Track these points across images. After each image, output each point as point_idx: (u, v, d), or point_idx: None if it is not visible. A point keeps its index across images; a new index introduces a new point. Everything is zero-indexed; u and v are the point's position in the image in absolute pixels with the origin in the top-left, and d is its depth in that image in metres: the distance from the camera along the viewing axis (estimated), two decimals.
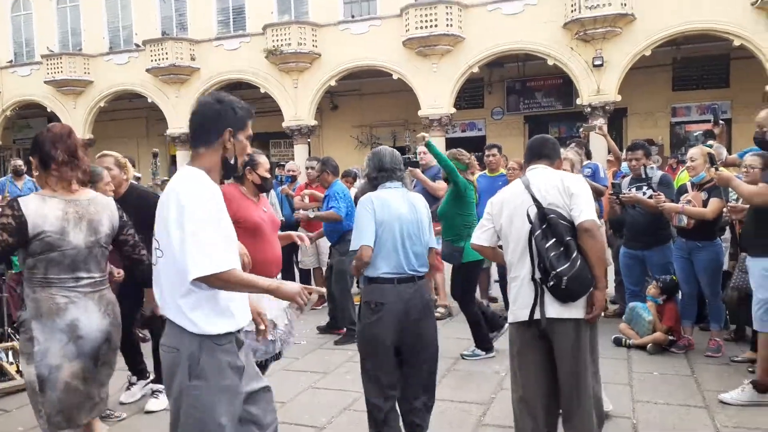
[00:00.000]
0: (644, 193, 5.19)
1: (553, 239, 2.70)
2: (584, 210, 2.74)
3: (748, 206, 4.13)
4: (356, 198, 6.61)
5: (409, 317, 3.09)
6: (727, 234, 5.46)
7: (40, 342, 2.46)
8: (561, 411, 2.88)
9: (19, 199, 2.50)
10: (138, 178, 7.51)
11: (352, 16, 18.49)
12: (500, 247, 3.05)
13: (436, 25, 16.68)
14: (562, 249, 2.68)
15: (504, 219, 2.93)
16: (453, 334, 5.49)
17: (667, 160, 14.18)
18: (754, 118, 5.22)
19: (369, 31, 18.08)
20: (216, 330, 2.07)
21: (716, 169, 4.42)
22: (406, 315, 3.08)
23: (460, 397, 4.16)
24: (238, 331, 2.17)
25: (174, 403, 2.12)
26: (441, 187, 5.91)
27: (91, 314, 2.55)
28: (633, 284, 5.45)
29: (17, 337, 5.01)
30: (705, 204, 4.84)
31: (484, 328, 5.00)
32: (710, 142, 8.47)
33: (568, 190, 2.78)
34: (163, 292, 2.11)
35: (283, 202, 6.97)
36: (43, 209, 2.48)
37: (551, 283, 2.66)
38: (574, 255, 2.68)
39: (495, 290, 6.97)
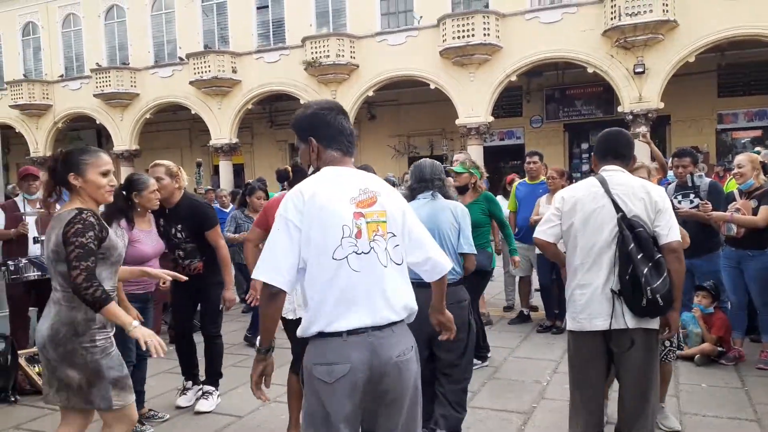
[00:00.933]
0: (691, 201, 5.08)
1: (641, 254, 2.60)
2: (673, 228, 2.68)
3: None
4: None
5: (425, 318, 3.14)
6: None
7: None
8: (618, 427, 2.83)
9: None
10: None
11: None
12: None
13: (473, 35, 16.68)
14: (651, 265, 2.60)
15: (577, 219, 2.77)
16: (492, 342, 5.45)
17: (713, 167, 13.78)
18: None
19: (406, 42, 18.20)
20: None
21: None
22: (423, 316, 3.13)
23: (501, 405, 4.13)
24: None
25: (417, 400, 2.13)
26: None
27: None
28: None
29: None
30: (755, 212, 4.72)
31: (480, 338, 4.86)
32: (758, 148, 8.25)
33: (655, 205, 2.68)
34: (409, 285, 2.20)
35: None
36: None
37: (646, 298, 2.56)
38: (666, 273, 2.61)
39: (536, 299, 6.90)
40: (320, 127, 2.10)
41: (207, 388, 4.27)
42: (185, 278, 3.27)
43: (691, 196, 5.14)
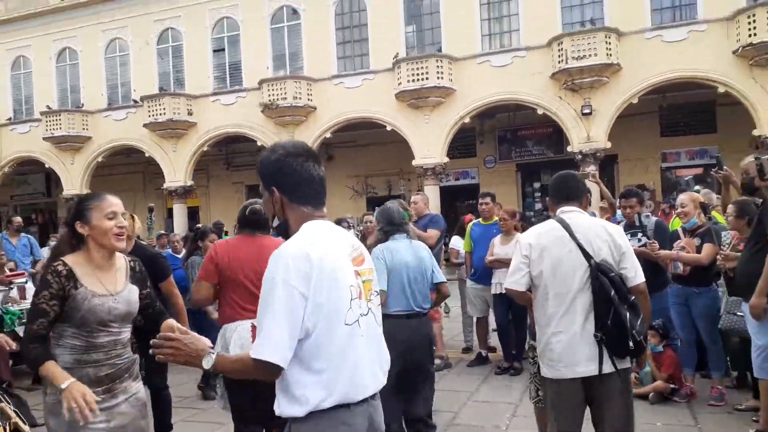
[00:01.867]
0: (639, 240, 5.22)
1: (618, 298, 2.66)
2: (638, 270, 2.77)
3: (739, 254, 4.17)
4: (370, 248, 6.70)
5: (414, 346, 3.69)
6: (722, 279, 5.48)
7: None
8: None
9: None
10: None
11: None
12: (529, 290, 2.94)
13: (427, 78, 17.08)
14: (627, 307, 2.65)
15: (546, 267, 2.78)
16: (451, 386, 5.41)
17: (659, 205, 14.29)
18: (740, 164, 5.29)
19: (362, 85, 18.49)
20: None
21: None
22: (411, 344, 3.66)
23: None
24: None
25: None
26: (431, 235, 5.98)
27: None
28: None
29: (5, 398, 4.95)
30: (698, 250, 4.88)
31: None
32: (697, 187, 8.61)
33: (619, 248, 2.76)
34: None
35: None
36: None
37: (633, 340, 2.61)
38: (642, 315, 2.68)
39: (493, 339, 6.91)
40: (285, 176, 1.88)
41: None
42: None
43: (639, 235, 5.29)
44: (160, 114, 19.85)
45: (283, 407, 1.81)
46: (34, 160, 22.68)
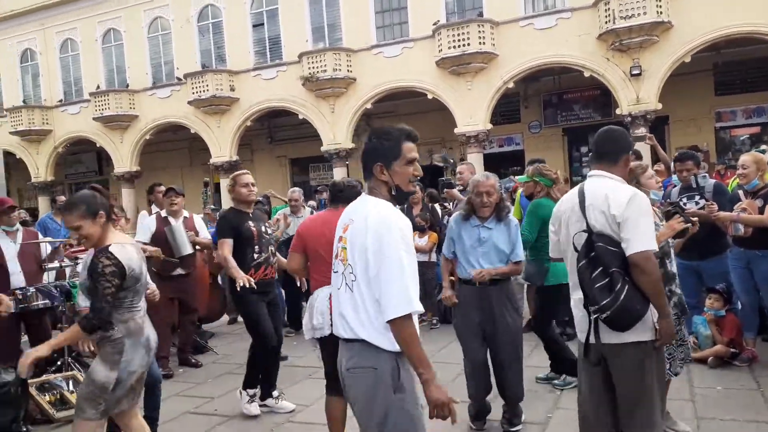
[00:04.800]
0: (696, 203, 5.06)
1: (600, 269, 2.57)
2: (632, 241, 2.55)
3: None
4: (417, 218, 6.79)
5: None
6: None
7: (127, 354, 2.94)
8: None
9: (109, 248, 2.88)
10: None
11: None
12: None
13: (468, 44, 16.75)
14: (606, 280, 2.56)
15: (563, 237, 2.85)
16: None
17: (714, 166, 13.77)
18: None
19: (402, 54, 18.27)
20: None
21: None
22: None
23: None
24: None
25: (381, 422, 2.18)
26: None
27: (153, 331, 3.14)
28: (688, 296, 5.27)
29: (77, 366, 5.21)
30: (761, 211, 4.70)
31: (567, 350, 4.64)
32: (763, 146, 8.23)
33: (614, 218, 2.59)
34: (360, 314, 2.20)
35: None
36: (127, 253, 2.93)
37: (595, 315, 2.61)
38: (618, 287, 2.52)
39: None
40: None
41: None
42: None
43: (697, 197, 5.12)
44: (204, 91, 20.12)
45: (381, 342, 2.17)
46: (85, 139, 23.42)
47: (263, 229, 4.58)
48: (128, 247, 2.98)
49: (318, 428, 4.18)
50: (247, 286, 4.14)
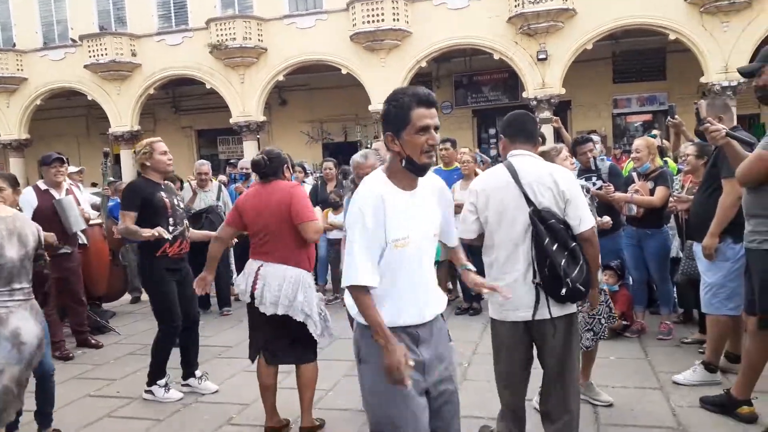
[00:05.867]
0: (594, 184, 5.33)
1: (556, 245, 2.64)
2: (583, 218, 2.70)
3: (692, 197, 4.32)
4: (330, 194, 6.75)
5: None
6: (673, 222, 5.70)
7: None
8: (542, 409, 2.93)
9: None
10: (81, 171, 7.27)
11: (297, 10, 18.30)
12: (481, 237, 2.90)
13: (383, 20, 16.69)
14: (566, 254, 2.64)
15: (491, 213, 2.79)
16: None
17: (611, 150, 14.64)
18: (689, 109, 5.43)
19: (315, 26, 17.94)
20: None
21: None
22: None
23: None
24: (407, 327, 2.19)
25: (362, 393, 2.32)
26: None
27: (28, 322, 2.72)
28: None
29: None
30: (651, 193, 5.04)
31: None
32: (654, 131, 8.82)
33: (563, 195, 2.69)
34: None
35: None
36: None
37: (566, 288, 2.63)
38: (582, 261, 2.67)
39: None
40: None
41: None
42: None
43: (594, 178, 5.41)
44: (102, 55, 18.83)
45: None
46: None
47: (176, 201, 4.34)
48: None
49: (228, 407, 4.09)
50: (165, 236, 4.05)
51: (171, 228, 4.18)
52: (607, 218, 4.38)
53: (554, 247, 2.64)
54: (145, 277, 4.29)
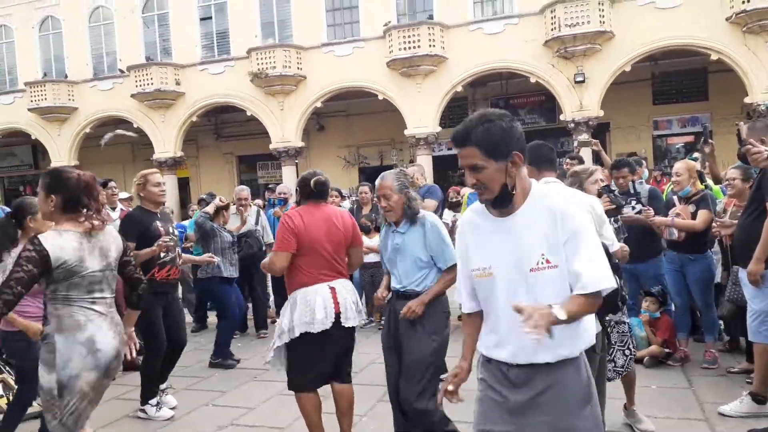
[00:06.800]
0: (633, 208, 5.25)
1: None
2: (614, 240, 2.96)
3: (736, 221, 4.20)
4: (364, 218, 6.83)
5: None
6: (717, 247, 5.54)
7: (61, 353, 2.67)
8: None
9: (39, 235, 2.69)
10: (130, 198, 7.52)
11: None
12: None
13: (419, 46, 16.89)
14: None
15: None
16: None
17: (651, 172, 14.33)
18: (733, 130, 5.31)
19: (353, 53, 18.25)
20: None
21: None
22: None
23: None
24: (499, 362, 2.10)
25: None
26: (428, 206, 5.90)
27: (105, 332, 2.80)
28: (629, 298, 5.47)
29: (7, 369, 4.95)
30: (693, 216, 4.92)
31: None
32: (695, 154, 8.62)
33: (599, 218, 2.92)
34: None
35: (274, 225, 6.97)
36: (61, 242, 2.67)
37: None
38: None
39: None
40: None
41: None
42: None
43: (633, 202, 5.31)
44: (148, 84, 19.54)
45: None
46: (19, 131, 22.33)
47: (170, 229, 4.55)
48: (67, 235, 2.69)
49: (262, 431, 4.12)
50: (162, 243, 4.26)
51: (162, 254, 4.37)
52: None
53: None
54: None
